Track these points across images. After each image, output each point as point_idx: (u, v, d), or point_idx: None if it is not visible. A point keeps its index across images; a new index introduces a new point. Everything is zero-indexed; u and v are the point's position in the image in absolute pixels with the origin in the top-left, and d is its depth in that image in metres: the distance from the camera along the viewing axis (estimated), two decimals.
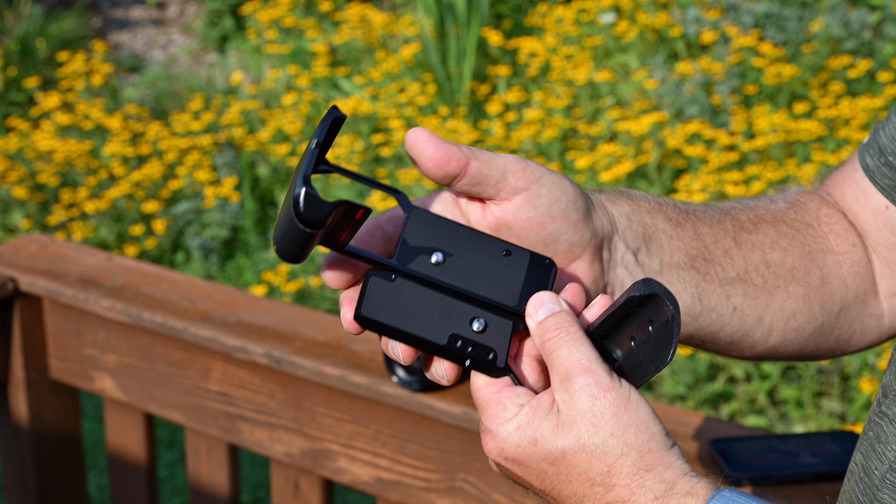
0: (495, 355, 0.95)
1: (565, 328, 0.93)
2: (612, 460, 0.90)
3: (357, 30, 5.83)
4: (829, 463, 1.59)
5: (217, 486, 2.09)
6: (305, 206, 0.88)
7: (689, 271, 1.07)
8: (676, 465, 0.91)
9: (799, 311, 1.12)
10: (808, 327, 1.13)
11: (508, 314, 0.96)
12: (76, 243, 2.30)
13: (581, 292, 0.97)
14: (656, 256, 1.06)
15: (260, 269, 4.74)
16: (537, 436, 0.92)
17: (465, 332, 0.95)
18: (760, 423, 3.67)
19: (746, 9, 5.21)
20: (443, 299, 0.95)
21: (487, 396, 0.95)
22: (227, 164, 5.06)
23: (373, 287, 0.94)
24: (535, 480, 0.94)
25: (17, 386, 2.18)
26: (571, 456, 0.91)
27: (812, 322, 1.13)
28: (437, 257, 0.96)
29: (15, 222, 4.96)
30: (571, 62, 5.22)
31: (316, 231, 0.89)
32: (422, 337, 0.94)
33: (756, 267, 1.10)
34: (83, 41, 6.59)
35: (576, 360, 0.92)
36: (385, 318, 0.94)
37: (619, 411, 0.91)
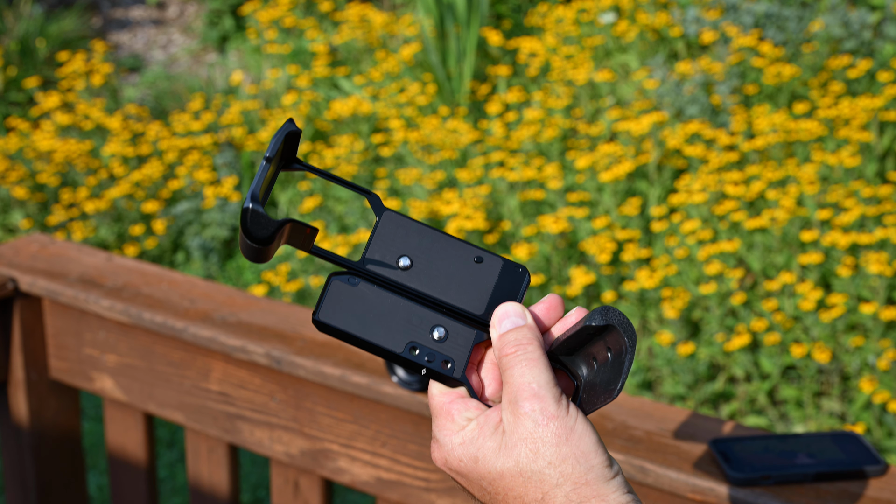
0: (453, 365, 0.95)
1: (524, 346, 0.93)
2: (548, 488, 0.91)
3: (357, 30, 5.83)
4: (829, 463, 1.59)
5: (217, 486, 2.09)
6: (252, 224, 0.88)
7: None
8: (612, 497, 0.91)
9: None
10: None
11: (474, 322, 0.95)
12: (76, 243, 2.30)
13: (557, 305, 0.98)
14: None
15: (260, 269, 4.74)
16: (479, 454, 0.93)
17: (423, 341, 0.94)
18: (760, 423, 3.67)
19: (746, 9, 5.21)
20: (405, 305, 0.94)
21: (440, 405, 0.96)
22: (227, 164, 5.06)
23: (333, 291, 0.93)
24: (476, 493, 0.96)
25: (17, 386, 2.18)
26: (509, 479, 0.92)
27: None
28: (405, 261, 0.94)
29: (15, 222, 4.96)
30: (571, 62, 5.22)
31: (264, 247, 0.88)
32: (379, 345, 0.93)
33: None
34: (83, 41, 6.59)
35: (526, 383, 0.92)
36: (342, 323, 0.93)
37: (560, 441, 0.91)
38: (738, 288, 3.93)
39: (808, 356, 3.68)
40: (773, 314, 3.79)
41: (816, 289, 3.78)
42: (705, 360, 3.77)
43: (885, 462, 1.60)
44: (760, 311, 3.86)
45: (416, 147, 4.86)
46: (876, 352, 3.64)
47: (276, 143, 0.89)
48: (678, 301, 3.84)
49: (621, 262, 4.18)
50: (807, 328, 3.80)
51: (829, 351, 3.61)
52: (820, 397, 3.74)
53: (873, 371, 3.63)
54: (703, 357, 3.77)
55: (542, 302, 0.98)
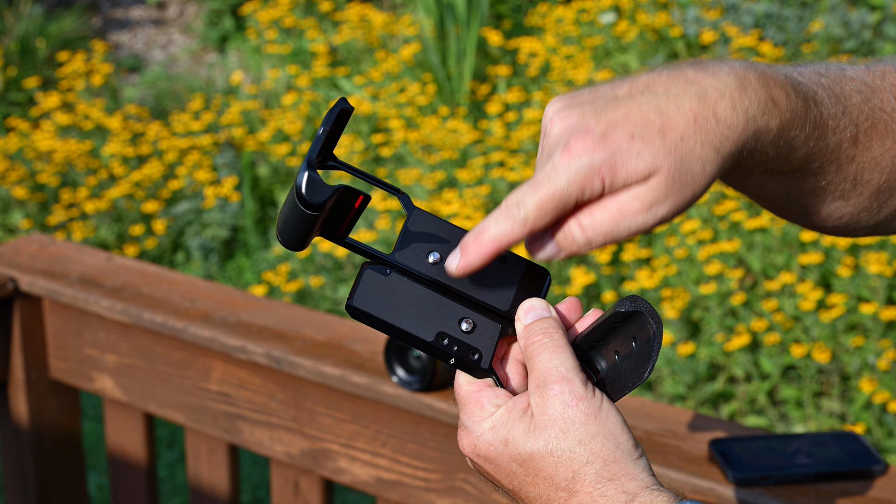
0: (480, 356, 0.97)
1: (549, 334, 0.95)
2: (578, 467, 0.92)
3: (357, 30, 5.83)
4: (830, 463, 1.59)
5: (217, 486, 2.09)
6: (308, 189, 0.90)
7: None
8: (640, 476, 0.93)
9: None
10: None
11: (498, 317, 0.98)
12: (76, 243, 2.30)
13: (577, 307, 0.99)
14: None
15: (260, 269, 4.74)
16: (509, 436, 0.94)
17: (452, 331, 0.96)
18: (760, 423, 3.67)
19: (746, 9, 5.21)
20: (434, 297, 0.96)
21: (468, 394, 0.97)
22: (227, 164, 5.07)
23: (367, 279, 0.96)
24: (504, 479, 0.96)
25: (17, 386, 2.18)
26: (539, 459, 0.93)
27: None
28: (435, 256, 0.97)
29: (15, 222, 4.97)
30: (571, 62, 5.22)
31: (317, 214, 0.91)
32: (410, 332, 0.96)
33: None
34: (83, 41, 6.59)
35: (554, 367, 0.94)
36: (375, 310, 0.96)
37: (589, 420, 0.93)
38: (738, 288, 3.93)
39: (808, 356, 3.68)
40: (773, 314, 3.79)
41: (816, 289, 3.78)
42: (705, 360, 3.77)
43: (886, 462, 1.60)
44: (760, 311, 3.86)
45: (416, 147, 4.86)
46: (876, 352, 3.64)
47: (330, 118, 0.92)
48: (678, 301, 3.84)
49: (621, 262, 4.18)
50: (807, 328, 3.80)
51: (829, 351, 3.61)
52: (820, 397, 3.74)
53: (873, 371, 3.63)
54: (703, 357, 3.77)
55: (563, 303, 0.99)
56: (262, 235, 5.01)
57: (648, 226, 0.90)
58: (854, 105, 1.00)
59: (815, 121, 0.97)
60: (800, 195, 1.02)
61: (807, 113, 0.96)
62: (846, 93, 1.01)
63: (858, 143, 1.00)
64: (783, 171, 0.98)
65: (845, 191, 1.02)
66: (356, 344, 1.91)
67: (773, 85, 0.95)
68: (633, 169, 0.89)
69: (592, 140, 0.89)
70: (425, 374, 1.77)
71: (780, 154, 0.96)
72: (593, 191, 0.90)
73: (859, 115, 1.00)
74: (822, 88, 1.01)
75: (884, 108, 1.02)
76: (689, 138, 0.89)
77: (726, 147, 0.90)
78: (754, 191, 1.02)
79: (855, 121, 0.99)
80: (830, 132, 0.98)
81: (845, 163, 1.00)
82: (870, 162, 1.01)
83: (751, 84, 0.93)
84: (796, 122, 0.95)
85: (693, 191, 0.90)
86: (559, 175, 0.89)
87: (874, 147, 1.01)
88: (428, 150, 4.87)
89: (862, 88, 1.02)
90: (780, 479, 1.57)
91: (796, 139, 0.96)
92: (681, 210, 0.90)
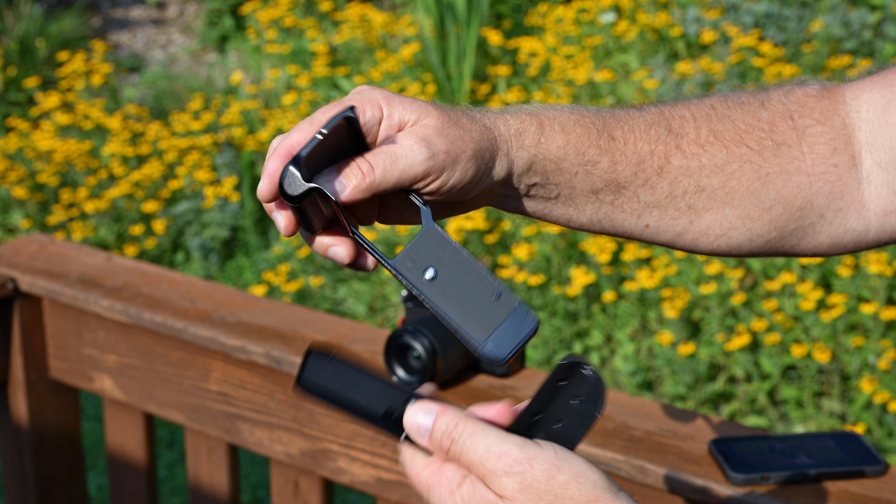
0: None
1: (454, 431, 0.90)
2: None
3: (357, 29, 5.83)
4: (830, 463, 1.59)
5: (217, 486, 2.09)
6: (286, 182, 0.94)
7: (592, 200, 1.08)
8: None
9: (734, 231, 1.11)
10: (747, 244, 1.12)
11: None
12: (76, 243, 2.30)
13: (506, 410, 0.94)
14: (554, 189, 1.06)
15: (260, 269, 4.74)
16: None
17: (400, 410, 0.95)
18: (760, 423, 3.67)
19: (747, 8, 5.21)
20: (379, 383, 0.96)
21: (430, 476, 0.92)
22: (226, 164, 5.06)
23: (312, 363, 0.96)
24: None
25: (17, 386, 2.18)
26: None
27: (754, 239, 1.12)
28: (431, 273, 0.98)
29: (15, 222, 4.96)
30: (571, 62, 5.22)
31: (297, 206, 0.95)
32: (360, 408, 0.95)
33: (684, 192, 1.09)
34: (83, 41, 6.59)
35: (482, 453, 0.89)
36: (322, 392, 0.96)
37: (553, 472, 0.88)
38: (739, 288, 3.93)
39: (808, 356, 3.68)
40: (773, 314, 3.79)
41: (816, 289, 3.78)
42: (705, 360, 3.77)
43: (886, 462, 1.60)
44: (761, 311, 3.86)
45: None
46: (876, 352, 3.64)
47: (332, 122, 0.94)
48: (678, 301, 3.84)
49: (621, 262, 4.18)
50: (807, 328, 3.80)
51: (829, 351, 3.61)
52: (820, 397, 3.74)
53: (873, 371, 3.63)
54: (704, 357, 3.77)
55: (492, 407, 0.94)
56: (262, 235, 5.01)
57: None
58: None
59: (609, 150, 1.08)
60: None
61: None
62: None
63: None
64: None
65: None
66: (356, 344, 1.91)
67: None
68: None
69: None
70: (425, 374, 1.77)
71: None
72: None
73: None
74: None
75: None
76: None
77: None
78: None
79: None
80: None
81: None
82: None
83: None
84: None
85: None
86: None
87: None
88: None
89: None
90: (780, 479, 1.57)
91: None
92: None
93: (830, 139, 1.12)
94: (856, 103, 1.14)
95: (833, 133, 1.12)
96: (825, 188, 1.11)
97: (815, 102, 1.13)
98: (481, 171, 1.01)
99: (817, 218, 1.12)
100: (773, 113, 1.12)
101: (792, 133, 1.12)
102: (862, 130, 1.12)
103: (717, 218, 1.10)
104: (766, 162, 1.10)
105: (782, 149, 1.11)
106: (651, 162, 1.08)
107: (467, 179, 1.00)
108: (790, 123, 1.12)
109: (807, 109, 1.13)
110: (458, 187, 1.00)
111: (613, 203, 1.08)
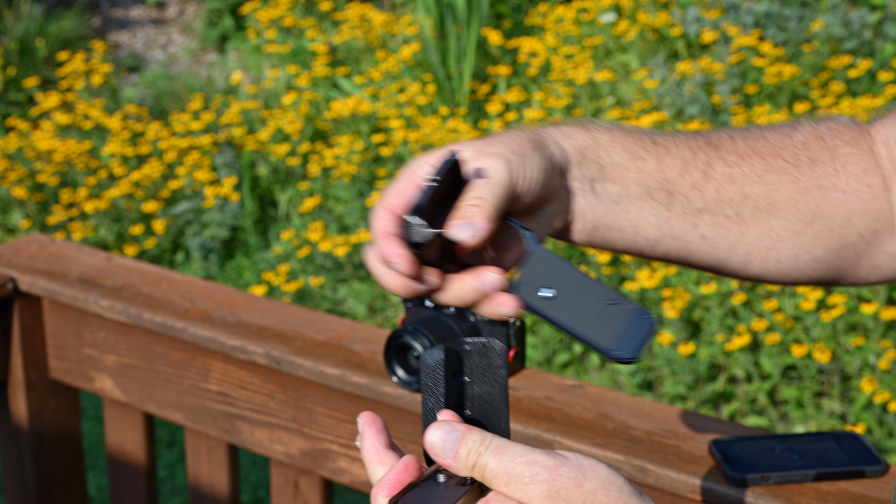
0: None
1: (482, 448, 0.89)
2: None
3: (357, 29, 5.83)
4: (830, 463, 1.59)
5: (217, 487, 2.09)
6: (407, 232, 0.97)
7: (649, 201, 1.10)
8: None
9: (781, 243, 1.13)
10: (795, 259, 1.14)
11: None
12: (76, 243, 2.29)
13: (414, 465, 0.91)
14: (613, 186, 1.09)
15: (260, 269, 4.74)
16: None
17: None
18: (760, 423, 3.67)
19: (747, 8, 5.21)
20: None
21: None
22: (226, 163, 5.06)
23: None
24: None
25: (17, 386, 2.18)
26: None
27: (801, 255, 1.14)
28: (549, 293, 1.02)
29: (15, 222, 4.96)
30: (572, 62, 5.22)
31: (420, 252, 0.98)
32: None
33: (730, 199, 1.12)
34: (83, 41, 6.59)
35: (508, 461, 0.88)
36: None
37: (580, 480, 0.87)
38: (739, 288, 3.93)
39: (808, 356, 3.68)
40: (773, 314, 3.79)
41: (817, 289, 3.78)
42: (706, 361, 3.77)
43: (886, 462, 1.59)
44: (761, 311, 3.86)
45: (416, 147, 4.86)
46: (876, 352, 3.64)
47: (442, 168, 0.98)
48: (678, 301, 3.84)
49: (622, 262, 4.18)
50: (807, 328, 3.80)
51: (829, 351, 3.61)
52: (820, 397, 3.74)
53: (874, 371, 3.63)
54: (704, 357, 3.77)
55: (399, 465, 0.91)
56: (262, 235, 5.01)
57: None
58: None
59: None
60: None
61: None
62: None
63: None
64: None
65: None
66: (356, 344, 1.90)
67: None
68: None
69: None
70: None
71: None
72: None
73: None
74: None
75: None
76: None
77: None
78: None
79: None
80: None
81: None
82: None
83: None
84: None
85: None
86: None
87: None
88: (428, 149, 4.86)
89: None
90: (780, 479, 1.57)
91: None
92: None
93: (861, 160, 1.16)
94: (880, 135, 1.18)
95: (863, 155, 1.16)
96: (861, 207, 1.14)
97: (844, 128, 1.17)
98: (545, 160, 1.04)
99: (857, 238, 1.15)
100: (805, 134, 1.16)
101: (825, 151, 1.15)
102: (886, 159, 1.16)
103: (764, 229, 1.13)
104: (804, 175, 1.13)
105: (817, 164, 1.14)
106: (695, 164, 1.12)
107: (539, 170, 1.03)
108: (822, 144, 1.15)
109: (836, 133, 1.16)
110: (535, 181, 1.03)
111: (669, 207, 1.10)
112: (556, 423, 1.70)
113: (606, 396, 1.76)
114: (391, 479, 0.90)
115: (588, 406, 1.74)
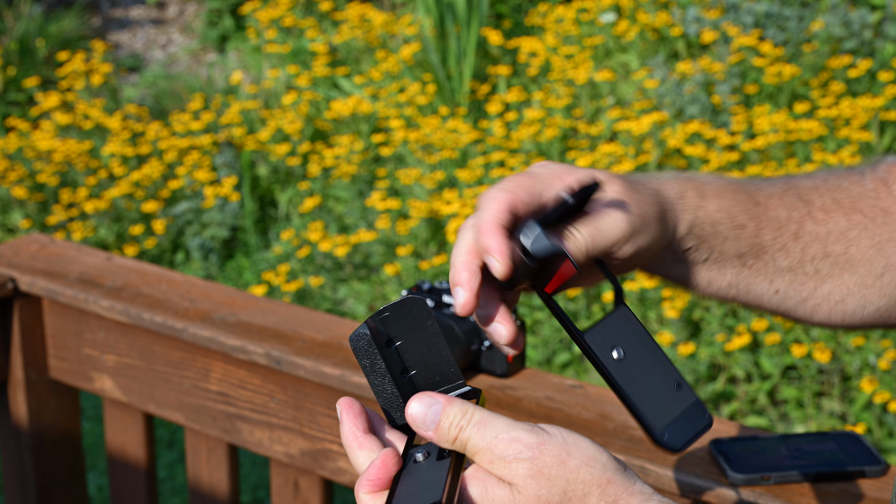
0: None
1: (464, 421, 0.90)
2: (578, 503, 0.88)
3: (357, 29, 5.83)
4: (830, 463, 1.59)
5: (217, 487, 2.09)
6: (532, 242, 0.96)
7: (735, 264, 1.11)
8: (638, 488, 0.90)
9: (850, 297, 1.14)
10: (860, 311, 1.15)
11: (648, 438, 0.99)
12: (76, 243, 2.29)
13: (393, 458, 0.93)
14: (705, 253, 1.10)
15: (260, 269, 4.74)
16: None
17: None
18: (760, 423, 3.67)
19: (747, 8, 5.21)
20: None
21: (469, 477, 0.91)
22: (226, 163, 5.06)
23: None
24: None
25: (17, 386, 2.18)
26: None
27: (866, 306, 1.15)
28: (618, 353, 0.99)
29: (15, 222, 4.96)
30: (571, 62, 5.22)
31: (532, 266, 0.97)
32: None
33: (812, 257, 1.13)
34: (83, 41, 6.59)
35: (490, 439, 0.88)
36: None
37: (563, 458, 0.88)
38: None
39: (808, 356, 3.68)
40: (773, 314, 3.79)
41: None
42: (706, 361, 3.77)
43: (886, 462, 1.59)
44: None
45: (416, 147, 4.86)
46: (876, 352, 3.64)
47: (581, 195, 0.96)
48: (678, 301, 3.84)
49: None
50: (807, 328, 3.80)
51: (829, 351, 3.61)
52: (820, 397, 3.74)
53: (874, 371, 3.63)
54: (704, 357, 3.77)
55: (377, 462, 0.92)
56: (262, 235, 5.01)
57: None
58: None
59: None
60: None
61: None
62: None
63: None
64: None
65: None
66: None
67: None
68: None
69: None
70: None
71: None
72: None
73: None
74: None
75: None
76: None
77: None
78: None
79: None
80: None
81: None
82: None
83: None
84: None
85: None
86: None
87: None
88: (428, 149, 4.86)
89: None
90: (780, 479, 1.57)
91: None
92: None
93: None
94: None
95: None
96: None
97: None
98: (661, 233, 1.04)
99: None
100: (871, 181, 1.17)
101: (890, 199, 1.16)
102: None
103: (837, 284, 1.14)
104: (879, 229, 1.15)
105: (889, 216, 1.16)
106: (788, 227, 1.12)
107: (652, 241, 1.03)
108: (888, 190, 1.17)
109: (893, 176, 1.17)
110: (642, 249, 1.03)
111: (752, 267, 1.11)
112: (556, 423, 1.70)
113: (606, 396, 1.76)
114: (371, 475, 0.90)
115: (588, 406, 1.74)
